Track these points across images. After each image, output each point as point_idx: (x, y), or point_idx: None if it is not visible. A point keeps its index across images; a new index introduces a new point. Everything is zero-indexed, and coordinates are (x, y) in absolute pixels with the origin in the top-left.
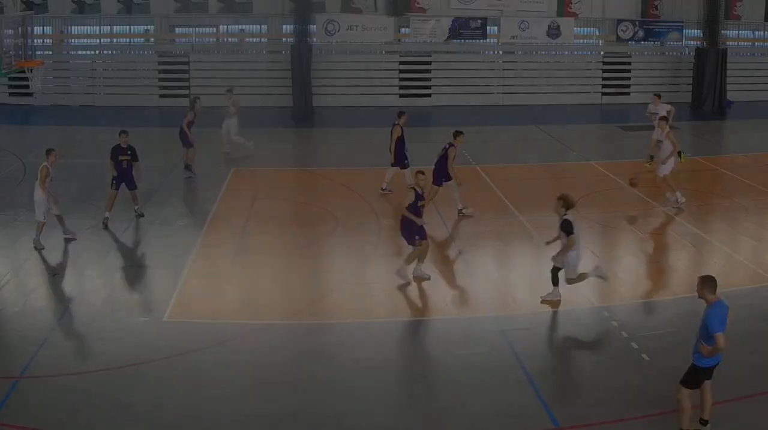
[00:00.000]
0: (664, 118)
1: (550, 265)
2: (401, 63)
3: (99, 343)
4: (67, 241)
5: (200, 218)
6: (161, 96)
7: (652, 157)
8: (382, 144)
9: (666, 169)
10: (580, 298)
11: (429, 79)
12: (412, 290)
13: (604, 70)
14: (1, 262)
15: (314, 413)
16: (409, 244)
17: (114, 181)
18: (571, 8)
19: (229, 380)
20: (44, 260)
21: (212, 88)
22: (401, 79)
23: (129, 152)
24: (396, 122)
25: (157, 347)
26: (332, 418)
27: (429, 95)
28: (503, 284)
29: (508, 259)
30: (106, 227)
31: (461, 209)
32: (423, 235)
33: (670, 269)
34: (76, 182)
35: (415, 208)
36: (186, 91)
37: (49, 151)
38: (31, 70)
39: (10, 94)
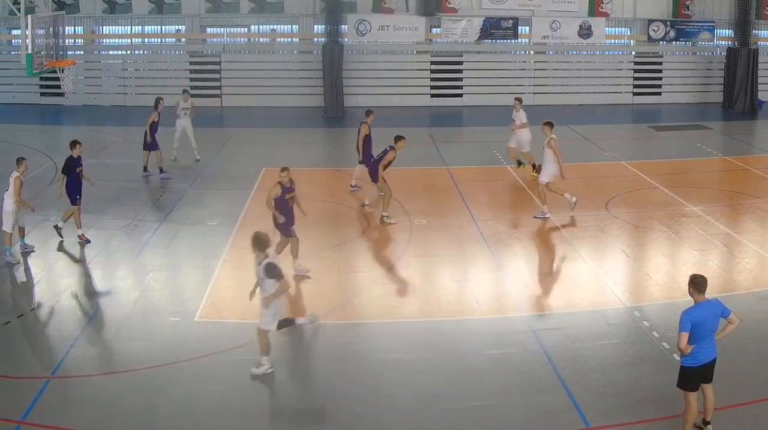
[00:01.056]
0: (549, 124)
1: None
2: (432, 63)
3: (130, 343)
4: (24, 254)
5: (231, 218)
6: (192, 96)
7: (519, 162)
8: (412, 144)
9: (545, 178)
10: (611, 298)
11: (460, 80)
12: (443, 290)
13: (636, 71)
14: (33, 262)
15: (345, 413)
16: (285, 236)
17: (74, 196)
18: (602, 8)
19: (259, 379)
20: (75, 261)
21: (244, 88)
22: (432, 80)
23: (82, 163)
24: (364, 121)
25: (188, 347)
26: (363, 417)
27: (460, 95)
28: (534, 284)
29: (539, 259)
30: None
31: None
32: (285, 229)
33: (701, 269)
34: (107, 182)
35: (282, 202)
36: (217, 91)
37: (20, 160)
38: (63, 70)
39: (42, 94)
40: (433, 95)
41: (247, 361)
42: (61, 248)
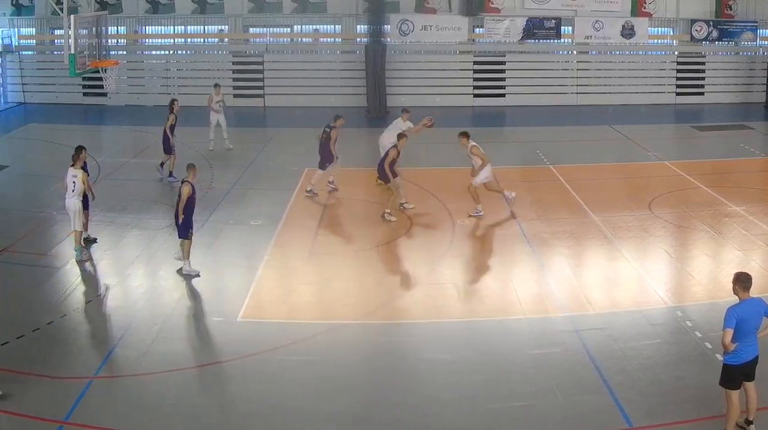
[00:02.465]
0: (464, 134)
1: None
2: (475, 63)
3: (172, 343)
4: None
5: (274, 218)
6: (235, 96)
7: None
8: (454, 144)
9: (477, 180)
10: (653, 298)
11: (503, 80)
12: (486, 290)
13: (678, 71)
14: (76, 262)
15: (388, 413)
16: (181, 237)
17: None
18: (645, 8)
19: (302, 380)
20: (118, 261)
21: (286, 88)
22: (475, 80)
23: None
24: (333, 125)
25: (231, 347)
26: (406, 417)
27: (503, 95)
28: (577, 284)
29: (582, 259)
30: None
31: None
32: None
33: (744, 268)
34: (149, 183)
35: (191, 201)
36: (260, 91)
37: (80, 149)
38: (106, 70)
39: (85, 94)
40: (475, 95)
41: (289, 361)
42: (102, 248)
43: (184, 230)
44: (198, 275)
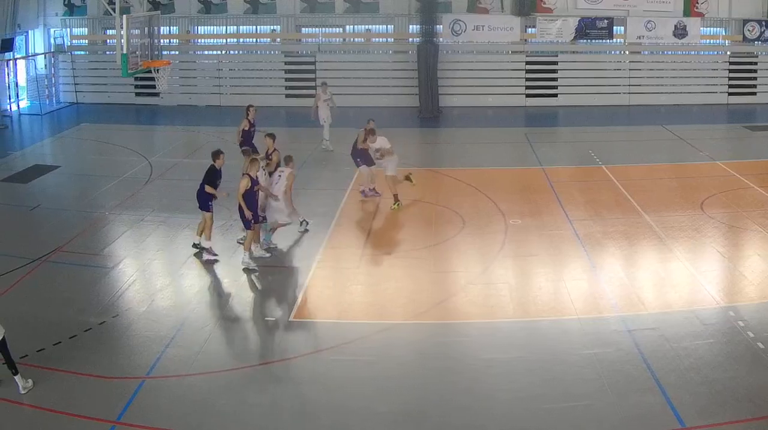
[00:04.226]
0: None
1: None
2: (527, 63)
3: (225, 343)
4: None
5: (326, 218)
6: (287, 96)
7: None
8: (508, 144)
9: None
10: (706, 298)
11: (555, 80)
12: (539, 290)
13: (731, 70)
14: (128, 262)
15: (440, 413)
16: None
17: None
18: (697, 8)
19: (355, 380)
20: (171, 261)
21: (338, 87)
22: (527, 80)
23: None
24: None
25: (283, 347)
26: (459, 417)
27: (555, 95)
28: (629, 284)
29: (634, 259)
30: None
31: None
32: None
33: None
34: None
35: (251, 194)
36: (312, 91)
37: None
38: (158, 70)
39: (137, 94)
40: (528, 95)
41: (341, 361)
42: (154, 248)
43: (246, 221)
44: (255, 270)
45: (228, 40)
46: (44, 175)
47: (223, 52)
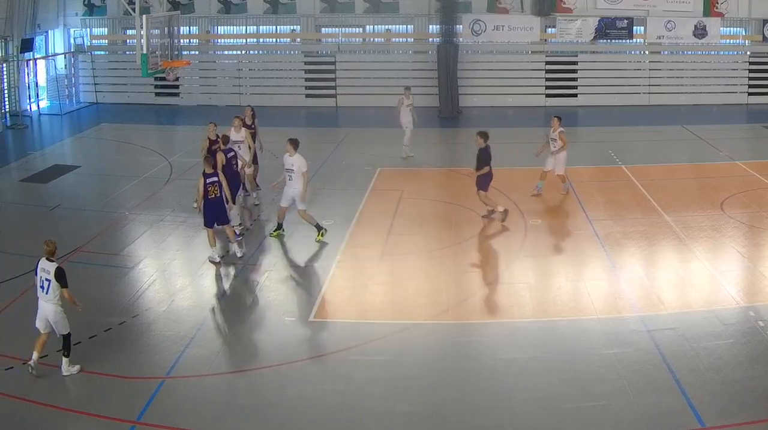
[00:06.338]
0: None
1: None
2: (547, 63)
3: (245, 342)
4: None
5: (346, 218)
6: (307, 96)
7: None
8: (528, 144)
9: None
10: (726, 298)
11: (575, 80)
12: (558, 290)
13: (751, 70)
14: (148, 262)
15: (461, 413)
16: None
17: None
18: (717, 8)
19: (375, 379)
20: (191, 261)
21: (358, 87)
22: (547, 80)
23: None
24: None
25: (303, 347)
26: (479, 417)
27: (575, 95)
28: (649, 284)
29: (654, 259)
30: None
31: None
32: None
33: None
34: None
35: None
36: (332, 91)
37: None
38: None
39: (157, 94)
40: (548, 95)
41: (362, 361)
42: (174, 248)
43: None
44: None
45: (248, 40)
46: (64, 176)
47: (243, 52)
